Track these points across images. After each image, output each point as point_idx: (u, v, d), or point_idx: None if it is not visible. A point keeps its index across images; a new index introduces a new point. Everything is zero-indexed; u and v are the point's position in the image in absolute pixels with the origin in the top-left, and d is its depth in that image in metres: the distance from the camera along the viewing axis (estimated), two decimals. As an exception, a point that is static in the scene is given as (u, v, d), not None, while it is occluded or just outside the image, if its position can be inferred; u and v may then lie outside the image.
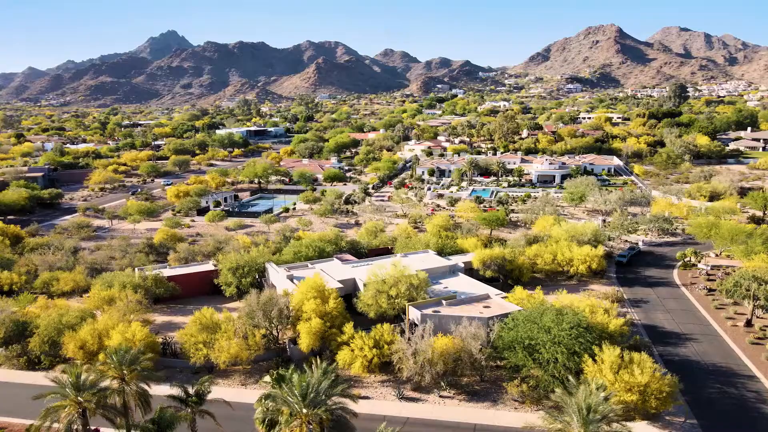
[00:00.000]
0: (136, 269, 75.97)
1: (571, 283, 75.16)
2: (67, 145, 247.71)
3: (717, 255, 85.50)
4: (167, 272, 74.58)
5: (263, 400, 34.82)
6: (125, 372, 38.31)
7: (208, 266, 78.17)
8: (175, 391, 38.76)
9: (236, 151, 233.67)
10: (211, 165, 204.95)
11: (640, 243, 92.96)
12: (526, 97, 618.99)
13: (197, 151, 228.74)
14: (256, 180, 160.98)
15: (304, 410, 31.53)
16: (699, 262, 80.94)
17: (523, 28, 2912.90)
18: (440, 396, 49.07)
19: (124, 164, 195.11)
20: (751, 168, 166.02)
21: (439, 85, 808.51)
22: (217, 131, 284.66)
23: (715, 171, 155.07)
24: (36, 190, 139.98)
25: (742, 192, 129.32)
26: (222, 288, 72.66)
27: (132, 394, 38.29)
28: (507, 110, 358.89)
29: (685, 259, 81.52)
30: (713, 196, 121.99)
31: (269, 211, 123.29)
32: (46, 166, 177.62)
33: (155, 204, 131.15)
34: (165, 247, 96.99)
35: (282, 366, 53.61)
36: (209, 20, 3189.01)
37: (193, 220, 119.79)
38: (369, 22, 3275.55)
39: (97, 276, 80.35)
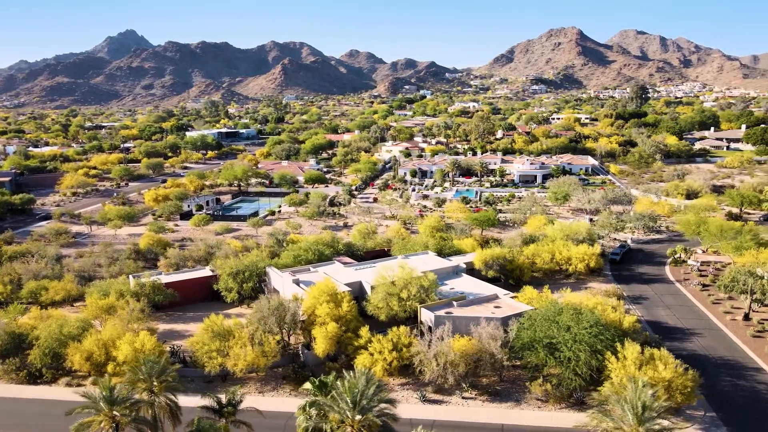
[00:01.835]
0: (130, 276, 73.68)
1: (570, 282, 76.38)
2: (30, 148, 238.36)
3: (704, 251, 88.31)
4: (165, 279, 72.52)
5: (307, 408, 34.13)
6: (155, 383, 37.02)
7: (206, 272, 76.47)
8: (208, 401, 37.71)
9: (210, 153, 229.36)
10: (186, 168, 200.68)
11: (629, 240, 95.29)
12: (493, 97, 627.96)
13: (169, 154, 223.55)
14: (235, 182, 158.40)
15: (357, 416, 31.05)
16: (689, 258, 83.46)
17: (486, 29, 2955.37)
18: (463, 397, 49.15)
19: (94, 168, 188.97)
20: (719, 167, 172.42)
21: (407, 86, 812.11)
22: (187, 133, 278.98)
23: (687, 170, 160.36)
24: (6, 196, 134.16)
25: (715, 190, 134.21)
26: (222, 294, 71.08)
27: (162, 406, 37.04)
28: (477, 110, 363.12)
29: (675, 256, 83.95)
30: (689, 194, 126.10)
31: (255, 214, 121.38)
32: (13, 171, 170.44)
33: (134, 208, 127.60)
34: (152, 253, 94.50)
35: (298, 372, 53.05)
36: (169, 20, 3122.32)
37: (177, 225, 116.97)
38: (333, 22, 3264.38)
39: (86, 284, 77.96)
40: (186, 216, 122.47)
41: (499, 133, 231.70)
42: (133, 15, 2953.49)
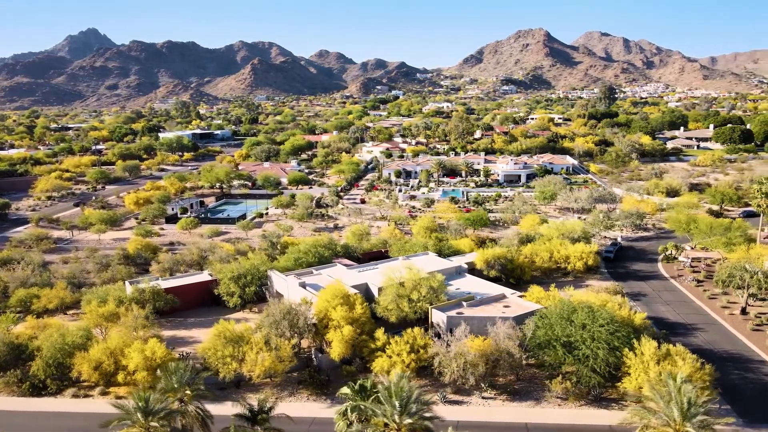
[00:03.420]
0: (127, 282, 71.79)
1: (568, 280, 77.55)
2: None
3: (692, 248, 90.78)
4: (164, 284, 70.78)
5: (348, 412, 33.75)
6: (188, 392, 36.09)
7: (204, 276, 74.97)
8: (240, 408, 36.95)
9: (186, 154, 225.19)
10: (163, 170, 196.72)
11: (619, 238, 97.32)
12: (465, 98, 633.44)
13: (144, 156, 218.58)
14: (217, 185, 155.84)
15: (407, 420, 30.84)
16: (680, 255, 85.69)
17: (454, 30, 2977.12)
18: (482, 397, 49.35)
19: (67, 170, 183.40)
20: (692, 165, 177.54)
21: (379, 87, 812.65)
22: (161, 134, 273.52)
23: (663, 169, 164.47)
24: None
25: (692, 188, 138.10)
26: (224, 298, 69.81)
27: (193, 415, 36.13)
28: (452, 111, 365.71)
29: (667, 253, 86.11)
30: (669, 192, 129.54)
31: (243, 216, 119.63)
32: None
33: (116, 212, 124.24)
34: (142, 258, 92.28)
35: (314, 376, 52.36)
36: (133, 19, 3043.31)
37: (162, 228, 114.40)
38: (302, 22, 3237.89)
39: (77, 291, 75.75)
40: (170, 219, 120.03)
41: (478, 133, 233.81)
42: (95, 13, 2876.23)
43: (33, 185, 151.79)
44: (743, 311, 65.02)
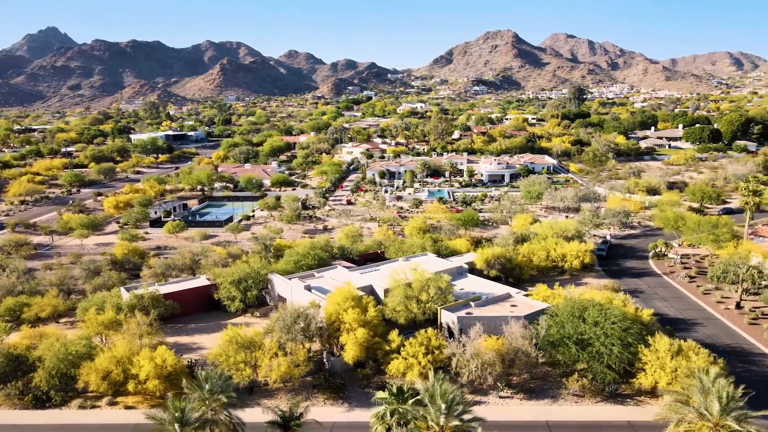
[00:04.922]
0: (122, 288, 69.84)
1: (565, 278, 78.62)
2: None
3: (680, 245, 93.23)
4: (162, 289, 69.10)
5: (388, 416, 33.49)
6: (224, 400, 35.29)
7: (202, 281, 73.55)
8: (272, 415, 36.33)
9: (162, 156, 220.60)
10: (139, 172, 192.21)
11: (608, 236, 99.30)
12: (437, 98, 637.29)
13: (118, 158, 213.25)
14: (198, 187, 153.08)
15: (454, 422, 30.77)
16: (669, 252, 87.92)
17: (423, 30, 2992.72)
18: (500, 397, 49.62)
19: (38, 174, 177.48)
20: (666, 164, 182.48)
21: (350, 87, 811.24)
22: (132, 136, 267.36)
23: (640, 168, 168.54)
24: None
25: (670, 186, 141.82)
26: (224, 303, 68.53)
27: (226, 423, 35.34)
28: (426, 111, 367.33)
29: (656, 250, 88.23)
30: (649, 191, 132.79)
31: (230, 219, 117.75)
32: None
33: (96, 216, 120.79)
34: (130, 263, 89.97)
35: (329, 380, 51.83)
36: (95, 16, 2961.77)
37: (147, 232, 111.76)
38: (270, 22, 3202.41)
39: (67, 298, 73.53)
40: (154, 223, 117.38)
41: (456, 134, 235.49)
42: (55, 11, 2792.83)
43: (5, 189, 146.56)
44: (738, 306, 67.05)
